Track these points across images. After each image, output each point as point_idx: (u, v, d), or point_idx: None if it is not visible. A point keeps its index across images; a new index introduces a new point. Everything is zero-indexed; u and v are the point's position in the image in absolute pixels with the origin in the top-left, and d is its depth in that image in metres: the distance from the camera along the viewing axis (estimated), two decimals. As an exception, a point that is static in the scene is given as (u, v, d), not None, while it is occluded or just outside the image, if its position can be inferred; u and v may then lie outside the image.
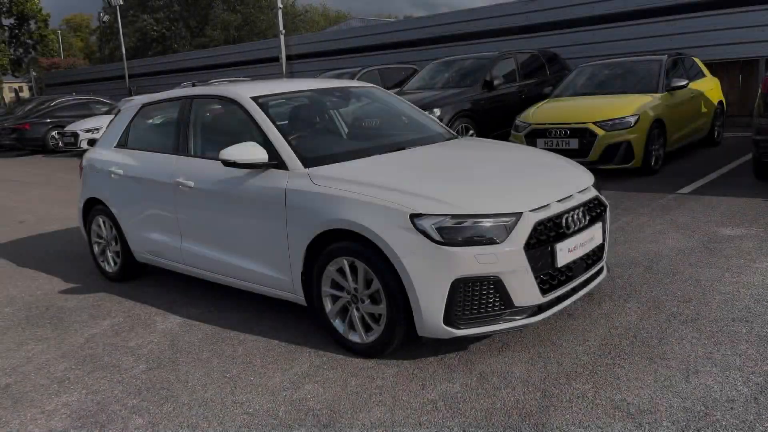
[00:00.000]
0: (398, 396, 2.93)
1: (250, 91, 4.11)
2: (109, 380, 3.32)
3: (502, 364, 3.16)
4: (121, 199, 4.77)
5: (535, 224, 3.12)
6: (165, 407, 2.98)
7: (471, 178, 3.52)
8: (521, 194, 3.27)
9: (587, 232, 3.44)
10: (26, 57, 34.25)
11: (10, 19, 33.14)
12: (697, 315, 3.57)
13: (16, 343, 3.95)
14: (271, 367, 3.33)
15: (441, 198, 3.14)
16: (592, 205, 3.57)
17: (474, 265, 3.01)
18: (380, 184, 3.30)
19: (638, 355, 3.15)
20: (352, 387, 3.05)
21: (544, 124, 8.08)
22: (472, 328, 3.10)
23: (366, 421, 2.73)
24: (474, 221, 3.05)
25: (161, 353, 3.61)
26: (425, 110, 9.21)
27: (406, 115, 4.77)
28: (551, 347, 3.32)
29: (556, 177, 3.67)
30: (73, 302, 4.66)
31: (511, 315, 3.14)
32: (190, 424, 2.82)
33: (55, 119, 17.89)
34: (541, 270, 3.16)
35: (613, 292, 4.02)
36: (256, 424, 2.78)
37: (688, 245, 4.86)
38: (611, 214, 5.90)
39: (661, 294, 3.93)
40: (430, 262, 3.02)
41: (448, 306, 3.04)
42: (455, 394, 2.91)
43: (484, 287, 3.06)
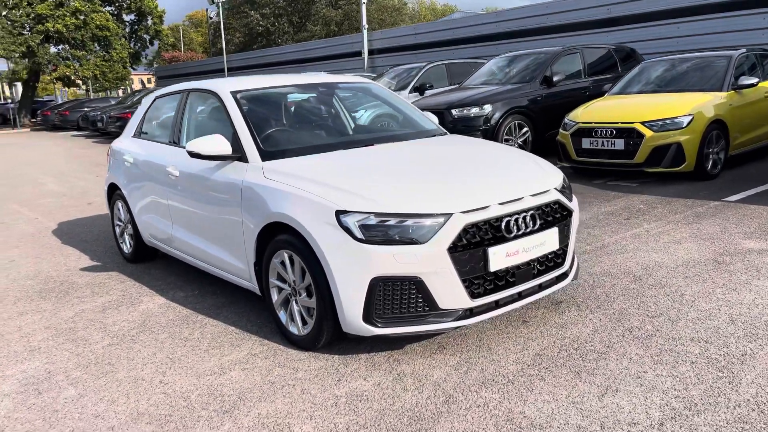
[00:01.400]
0: (308, 389, 2.97)
1: (233, 85, 4.27)
2: (70, 352, 3.59)
3: (426, 367, 3.11)
4: (131, 185, 5.10)
5: (465, 226, 3.04)
6: (99, 381, 3.19)
7: (415, 176, 3.47)
8: (458, 195, 3.19)
9: (536, 236, 3.30)
10: (143, 51, 36.83)
11: (130, 15, 35.79)
12: (656, 331, 3.33)
13: (18, 312, 4.35)
14: (213, 352, 3.47)
15: (369, 195, 3.13)
16: (549, 209, 3.41)
17: (393, 264, 2.99)
18: (319, 180, 3.34)
19: (568, 368, 3.00)
20: (273, 377, 3.12)
21: (590, 124, 7.72)
22: (393, 327, 3.08)
23: (263, 410, 2.80)
24: (398, 220, 3.02)
25: (128, 332, 3.86)
26: (474, 106, 9.18)
27: (394, 112, 4.76)
28: (485, 353, 3.22)
29: (510, 178, 3.53)
30: (85, 279, 5.05)
31: (436, 317, 3.09)
32: (111, 398, 3.00)
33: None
34: (470, 273, 3.08)
35: (585, 302, 3.82)
36: (165, 403, 2.92)
37: (697, 257, 4.51)
38: (633, 221, 5.59)
39: (632, 307, 3.69)
40: (350, 259, 3.03)
41: (367, 304, 3.04)
42: (363, 392, 2.91)
43: (405, 287, 3.03)
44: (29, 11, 30.86)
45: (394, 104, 4.85)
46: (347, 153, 3.86)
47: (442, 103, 9.63)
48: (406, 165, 3.69)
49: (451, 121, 9.25)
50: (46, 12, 30.63)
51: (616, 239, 5.13)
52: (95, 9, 32.17)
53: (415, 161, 3.79)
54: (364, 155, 3.84)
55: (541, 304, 3.82)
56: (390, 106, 4.86)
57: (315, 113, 4.59)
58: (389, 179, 3.38)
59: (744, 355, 3.01)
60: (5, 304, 4.54)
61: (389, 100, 4.90)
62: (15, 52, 30.42)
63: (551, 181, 3.57)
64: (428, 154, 3.99)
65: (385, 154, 3.90)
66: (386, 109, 4.88)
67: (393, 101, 4.88)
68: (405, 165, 3.69)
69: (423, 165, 3.70)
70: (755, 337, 3.18)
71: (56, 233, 6.92)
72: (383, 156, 3.86)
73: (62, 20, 30.69)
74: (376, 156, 3.84)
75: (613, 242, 5.05)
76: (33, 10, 30.69)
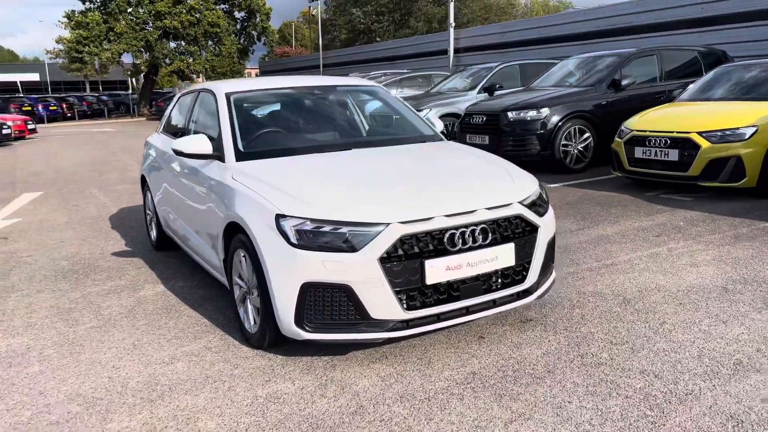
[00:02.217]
0: (235, 386, 3.05)
1: (231, 86, 4.43)
2: (57, 331, 3.89)
3: (357, 375, 3.11)
4: (152, 176, 5.43)
5: (402, 237, 3.00)
6: (63, 361, 3.44)
7: (371, 183, 3.45)
8: (403, 205, 3.15)
9: (486, 251, 3.19)
10: (251, 47, 38.61)
11: (241, 12, 37.65)
12: (609, 360, 3.12)
13: (37, 290, 4.76)
14: (174, 342, 3.64)
15: (310, 201, 3.16)
16: (507, 223, 3.28)
17: (322, 271, 3.00)
18: (273, 183, 3.41)
19: (494, 390, 2.89)
20: (212, 371, 3.23)
21: (645, 132, 7.26)
22: (323, 333, 3.09)
23: (183, 403, 2.91)
24: (333, 227, 3.03)
25: (115, 316, 4.12)
26: (531, 109, 8.91)
27: (390, 116, 4.73)
28: (422, 366, 3.17)
29: (469, 190, 3.43)
30: (109, 263, 5.43)
31: (368, 327, 3.07)
32: (62, 378, 3.24)
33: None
34: (404, 285, 3.03)
35: (555, 322, 3.64)
36: (103, 388, 3.10)
37: (706, 283, 4.16)
38: (662, 239, 5.22)
39: (601, 332, 3.48)
40: (284, 262, 3.08)
41: (298, 308, 3.07)
42: (282, 394, 2.95)
43: (335, 295, 3.04)
44: (150, 9, 33.22)
45: (394, 108, 4.83)
46: (319, 156, 3.91)
47: (498, 105, 9.41)
48: (368, 171, 3.68)
49: (507, 124, 9.04)
50: (165, 9, 32.84)
51: (629, 258, 4.82)
52: (209, 7, 34.08)
53: (379, 168, 3.76)
54: (333, 159, 3.87)
55: (507, 321, 3.69)
56: (388, 110, 4.84)
57: (304, 115, 4.66)
58: (342, 185, 3.39)
59: (688, 394, 2.76)
60: (33, 281, 4.98)
61: (390, 103, 4.87)
62: (136, 46, 32.87)
63: (516, 195, 3.42)
64: (398, 161, 3.95)
65: (355, 159, 3.91)
66: (383, 112, 4.86)
67: (394, 105, 4.85)
68: (367, 171, 3.68)
69: (385, 172, 3.67)
70: (712, 376, 2.91)
71: (112, 218, 7.47)
72: (352, 161, 3.86)
73: (178, 17, 32.77)
74: (344, 161, 3.86)
75: (624, 261, 4.75)
76: (153, 8, 32.99)
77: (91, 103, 40.98)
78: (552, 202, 7.01)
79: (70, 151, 17.18)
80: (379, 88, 5.00)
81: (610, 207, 6.65)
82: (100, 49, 32.76)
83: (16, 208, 8.48)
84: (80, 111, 37.32)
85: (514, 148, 9.10)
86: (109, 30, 33.00)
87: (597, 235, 5.55)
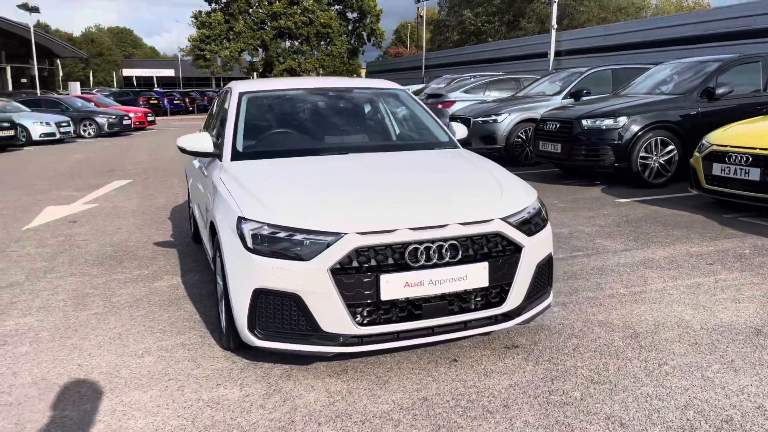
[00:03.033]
0: (184, 386, 3.04)
1: (247, 86, 4.47)
2: (62, 315, 4.08)
3: (307, 388, 3.00)
4: (187, 170, 5.61)
5: (357, 248, 2.86)
6: (51, 344, 3.60)
7: (342, 190, 3.32)
8: (364, 215, 3.01)
9: (453, 269, 2.97)
10: (361, 47, 39.28)
11: (354, 13, 38.42)
12: (578, 400, 2.80)
13: (70, 273, 5.04)
14: (157, 335, 3.70)
15: (270, 205, 3.10)
16: (483, 241, 3.04)
17: (272, 278, 2.92)
18: (248, 185, 3.37)
19: (433, 421, 2.67)
20: (172, 369, 3.24)
21: (725, 147, 6.54)
22: (274, 342, 3.01)
23: (129, 399, 2.93)
24: (288, 234, 2.95)
25: (119, 305, 4.26)
26: (607, 118, 8.33)
27: (407, 120, 4.55)
28: (377, 386, 3.00)
29: (446, 202, 3.21)
30: (146, 252, 5.67)
31: (320, 339, 2.95)
32: (39, 360, 3.37)
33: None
34: (357, 298, 2.88)
35: (543, 351, 3.34)
36: (68, 375, 3.19)
37: (739, 322, 3.66)
38: (714, 267, 4.68)
39: (586, 367, 3.14)
40: (240, 267, 3.03)
41: (251, 314, 3.01)
42: (224, 400, 2.90)
43: (286, 304, 2.95)
44: (268, 10, 34.72)
45: (413, 112, 4.64)
46: (310, 160, 3.83)
47: (573, 112, 8.88)
48: (348, 178, 3.55)
49: (581, 133, 8.51)
50: (281, 10, 34.18)
51: (664, 287, 4.34)
52: (322, 8, 35.09)
53: (362, 175, 3.61)
54: (321, 164, 3.77)
55: (491, 345, 3.42)
56: (407, 114, 4.66)
57: (312, 117, 4.58)
58: (313, 191, 3.29)
59: (647, 451, 2.41)
60: (73, 265, 5.29)
61: (410, 107, 4.69)
62: (252, 45, 34.48)
63: (499, 211, 3.15)
64: (389, 168, 3.78)
65: (344, 164, 3.79)
66: (400, 116, 4.68)
67: (414, 109, 4.66)
68: (347, 178, 3.55)
69: (365, 180, 3.52)
70: (687, 433, 2.52)
71: (175, 209, 7.81)
72: (339, 167, 3.75)
73: (292, 18, 34.00)
74: (332, 166, 3.75)
75: (657, 290, 4.29)
76: (270, 9, 34.46)
77: (212, 98, 43.47)
78: (609, 219, 6.53)
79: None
80: (401, 91, 4.83)
81: (674, 228, 6.05)
82: (220, 47, 34.67)
83: (100, 194, 9.11)
84: (200, 105, 39.70)
85: (586, 158, 8.56)
86: (230, 29, 34.84)
87: (641, 258, 5.06)
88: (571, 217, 6.67)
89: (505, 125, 10.97)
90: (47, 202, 8.48)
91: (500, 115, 11.07)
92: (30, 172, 12.03)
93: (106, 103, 25.73)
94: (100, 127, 21.46)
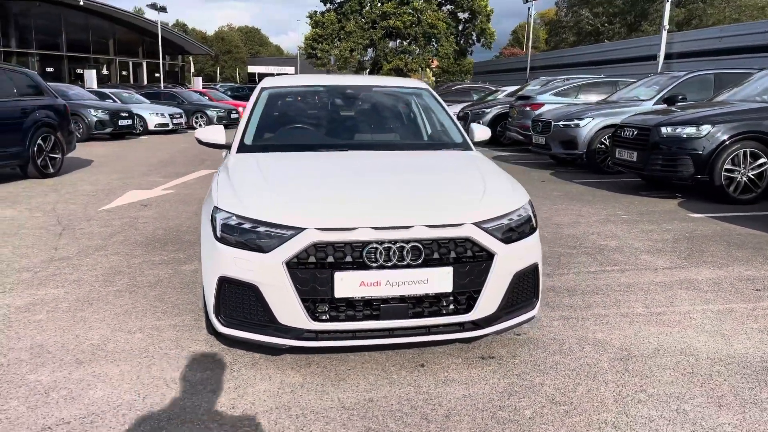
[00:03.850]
0: (153, 365, 3.18)
1: (272, 82, 4.59)
2: (89, 289, 4.39)
3: (263, 378, 3.05)
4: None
5: (315, 243, 2.87)
6: (65, 314, 3.88)
7: (320, 186, 3.34)
8: (329, 211, 3.00)
9: (413, 272, 2.90)
10: (469, 48, 38.92)
11: (465, 13, 38.14)
12: (525, 420, 2.65)
13: (115, 252, 5.41)
14: (158, 315, 3.90)
15: (243, 197, 3.17)
16: (451, 244, 2.94)
17: (233, 267, 2.99)
18: (235, 177, 3.47)
19: (365, 423, 2.63)
20: (153, 348, 3.40)
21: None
22: (235, 330, 3.07)
23: (99, 370, 3.11)
24: (252, 225, 3.01)
25: (141, 284, 4.52)
26: (690, 126, 7.73)
27: (422, 120, 4.47)
28: (330, 382, 3.00)
29: (416, 203, 3.13)
30: (193, 237, 5.96)
31: (277, 331, 2.99)
32: (45, 328, 3.65)
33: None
34: (312, 294, 2.89)
35: (517, 365, 3.18)
36: (62, 344, 3.43)
37: (755, 355, 3.30)
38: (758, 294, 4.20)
39: (553, 386, 2.95)
40: (210, 254, 3.13)
41: (216, 301, 3.10)
42: (180, 383, 3.01)
43: (245, 293, 3.00)
44: (379, 10, 35.29)
45: (434, 112, 4.55)
46: (308, 155, 3.88)
47: (653, 118, 8.31)
48: (330, 175, 3.54)
49: (659, 141, 7.96)
50: (391, 10, 34.62)
51: (689, 310, 3.99)
52: (432, 8, 35.14)
53: (345, 173, 3.59)
54: (315, 159, 3.81)
55: (467, 353, 3.31)
56: (425, 113, 4.58)
57: (324, 114, 4.59)
58: (290, 185, 3.34)
59: (568, 481, 2.23)
60: (124, 245, 5.68)
61: (431, 107, 4.60)
62: (361, 44, 35.20)
63: (473, 215, 3.03)
64: (377, 167, 3.73)
65: (336, 161, 3.80)
66: (411, 116, 4.61)
67: (434, 109, 4.57)
68: (330, 175, 3.54)
69: (347, 177, 3.50)
70: (622, 468, 2.31)
71: (240, 199, 8.15)
72: (330, 163, 3.76)
73: (401, 18, 34.33)
74: (324, 162, 3.78)
75: (679, 312, 3.94)
76: (381, 9, 35.00)
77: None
78: (669, 234, 6.06)
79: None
80: (423, 90, 4.75)
81: (739, 248, 5.52)
82: (331, 46, 35.70)
83: (181, 182, 9.69)
84: (311, 102, 41.09)
85: (663, 169, 7.99)
86: (341, 29, 35.79)
87: (682, 278, 4.66)
88: (626, 230, 6.26)
89: (587, 130, 10.47)
90: (133, 186, 9.14)
91: (583, 119, 10.58)
92: (134, 158, 13.03)
93: (219, 97, 27.31)
94: (210, 119, 22.80)
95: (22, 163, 9.46)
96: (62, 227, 6.35)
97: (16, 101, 9.33)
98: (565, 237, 5.98)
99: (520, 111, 13.79)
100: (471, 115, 16.45)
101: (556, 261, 5.11)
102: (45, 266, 4.93)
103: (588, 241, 5.83)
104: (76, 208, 7.35)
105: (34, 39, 37.15)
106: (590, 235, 6.08)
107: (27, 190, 8.66)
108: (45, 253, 5.34)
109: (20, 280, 4.57)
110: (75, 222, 6.60)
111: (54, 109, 10.18)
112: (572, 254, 5.34)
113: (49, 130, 9.86)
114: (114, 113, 17.36)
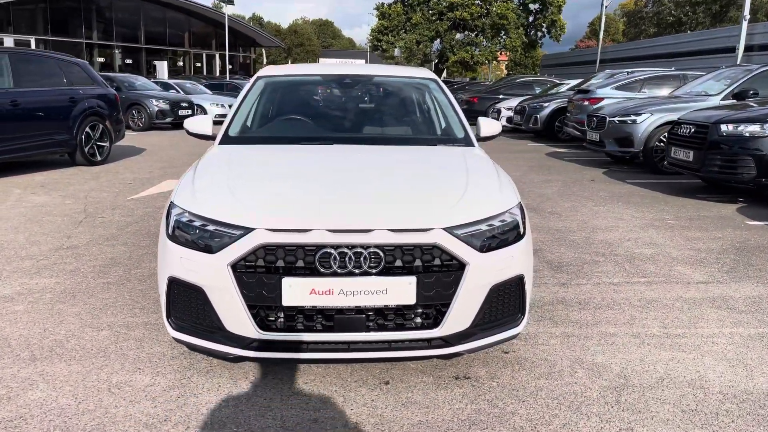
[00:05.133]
0: (107, 366, 3.02)
1: (269, 71, 4.36)
2: (81, 279, 4.32)
3: (213, 387, 2.83)
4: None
5: (264, 245, 2.62)
6: (43, 306, 3.80)
7: (285, 184, 3.06)
8: (282, 211, 2.75)
9: (372, 280, 2.59)
10: (539, 40, 37.66)
11: (535, 4, 36.95)
12: (477, 457, 2.31)
13: (123, 243, 5.35)
14: (134, 311, 3.75)
15: (198, 193, 2.96)
16: (418, 252, 2.63)
17: (179, 267, 2.78)
18: (201, 171, 3.27)
19: (300, 449, 2.36)
20: (113, 347, 3.25)
21: None
22: (183, 334, 2.86)
23: (50, 369, 2.98)
24: (202, 224, 2.79)
25: (133, 277, 4.41)
26: (753, 124, 7.03)
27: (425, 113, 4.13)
28: (279, 396, 2.75)
29: (380, 204, 2.81)
30: (204, 230, 5.85)
31: (225, 339, 2.76)
32: (17, 321, 3.57)
33: (498, 95, 19.77)
34: (259, 300, 2.64)
35: (492, 389, 2.83)
36: (25, 338, 3.33)
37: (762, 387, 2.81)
38: None
39: (525, 416, 2.59)
40: (162, 253, 2.94)
41: (168, 303, 2.91)
42: (126, 387, 2.83)
43: (193, 296, 2.79)
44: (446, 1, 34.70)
45: (439, 104, 4.19)
46: (288, 149, 3.65)
47: (713, 115, 7.58)
48: (300, 172, 3.26)
49: (717, 140, 7.25)
50: (458, 1, 33.96)
51: (716, 333, 3.50)
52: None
53: (316, 170, 3.29)
54: (291, 153, 3.56)
55: (439, 372, 2.98)
56: (430, 105, 4.23)
57: (318, 105, 4.31)
58: (251, 182, 3.11)
59: None
60: (135, 235, 5.63)
61: (437, 99, 4.24)
62: (426, 36, 34.73)
63: (444, 220, 2.70)
64: (355, 163, 3.42)
65: (313, 156, 3.53)
66: (412, 109, 4.27)
67: (440, 101, 4.21)
68: (300, 171, 3.26)
69: (316, 174, 3.20)
70: None
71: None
72: (309, 158, 3.49)
73: (469, 9, 33.61)
74: (299, 157, 3.52)
75: (704, 335, 3.47)
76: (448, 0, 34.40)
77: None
78: (717, 243, 5.46)
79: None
80: (429, 80, 4.39)
81: (794, 262, 4.90)
82: (396, 38, 35.40)
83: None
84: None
85: (720, 170, 7.29)
86: (407, 20, 35.41)
87: (717, 294, 4.14)
88: (668, 237, 5.70)
89: (645, 126, 9.74)
90: (170, 176, 9.21)
91: (640, 114, 9.86)
92: (184, 148, 13.22)
93: (282, 88, 27.57)
94: (270, 110, 23.02)
95: (70, 151, 9.71)
96: (85, 215, 6.39)
97: (65, 90, 9.56)
98: (597, 242, 5.49)
99: (578, 105, 13.08)
100: (528, 110, 15.83)
101: (577, 269, 4.66)
102: (50, 255, 4.91)
103: (621, 247, 5.32)
104: (107, 196, 7.42)
105: (114, 32, 38.70)
106: (625, 241, 5.56)
107: (70, 177, 8.85)
108: (57, 241, 5.34)
109: (20, 268, 4.56)
110: (100, 210, 6.64)
111: (104, 99, 10.39)
112: (598, 262, 4.87)
113: (97, 119, 10.08)
114: (175, 103, 17.77)
